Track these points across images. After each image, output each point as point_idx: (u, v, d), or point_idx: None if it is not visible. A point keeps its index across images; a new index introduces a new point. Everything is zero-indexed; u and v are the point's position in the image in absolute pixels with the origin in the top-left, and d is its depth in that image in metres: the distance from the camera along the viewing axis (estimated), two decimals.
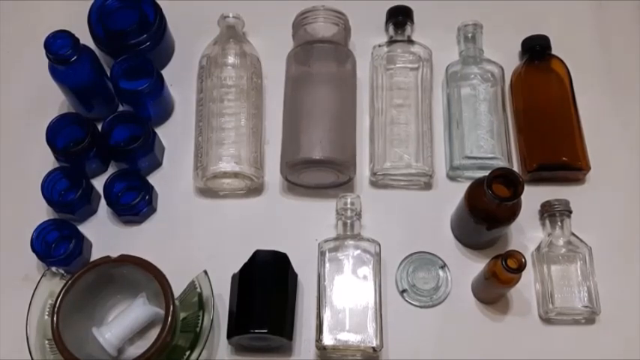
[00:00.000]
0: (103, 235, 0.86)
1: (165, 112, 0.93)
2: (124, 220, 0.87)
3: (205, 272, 0.77)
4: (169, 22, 0.95)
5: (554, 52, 0.92)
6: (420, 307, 0.82)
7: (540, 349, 0.79)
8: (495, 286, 0.76)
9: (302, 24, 0.90)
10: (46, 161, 0.89)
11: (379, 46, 0.92)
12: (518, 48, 0.94)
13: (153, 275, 0.74)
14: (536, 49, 0.92)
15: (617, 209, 0.87)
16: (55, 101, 0.93)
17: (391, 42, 0.92)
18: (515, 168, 0.87)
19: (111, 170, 0.89)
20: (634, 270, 0.83)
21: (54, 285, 0.76)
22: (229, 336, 0.77)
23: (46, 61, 0.82)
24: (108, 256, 0.76)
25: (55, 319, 0.72)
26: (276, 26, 0.95)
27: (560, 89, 0.90)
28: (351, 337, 0.76)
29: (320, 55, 0.88)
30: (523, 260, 0.71)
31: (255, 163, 0.84)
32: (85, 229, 0.86)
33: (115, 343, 0.75)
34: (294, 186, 0.87)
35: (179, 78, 0.95)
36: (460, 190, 0.80)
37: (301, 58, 0.88)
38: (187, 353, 0.73)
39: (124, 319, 0.76)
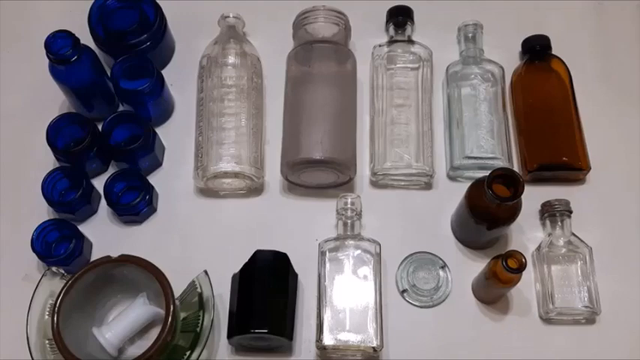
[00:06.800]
0: (103, 235, 0.86)
1: (165, 112, 0.93)
2: (124, 220, 0.87)
3: (205, 272, 0.77)
4: (169, 22, 0.95)
5: (554, 52, 0.92)
6: (420, 307, 0.82)
7: (540, 349, 0.79)
8: (495, 286, 0.76)
9: (302, 24, 0.90)
10: (46, 161, 0.89)
11: (379, 46, 0.92)
12: (518, 48, 0.94)
13: (153, 275, 0.75)
14: (536, 49, 0.92)
15: (617, 209, 0.87)
16: (55, 101, 0.93)
17: (391, 42, 0.92)
18: (516, 168, 0.87)
19: (111, 170, 0.89)
20: (634, 270, 0.83)
21: (54, 285, 0.76)
22: (229, 336, 0.77)
23: (46, 61, 0.82)
24: (108, 256, 0.76)
25: (55, 319, 0.72)
26: (276, 26, 0.95)
27: (560, 89, 0.90)
28: (352, 337, 0.76)
29: (320, 55, 0.88)
30: (523, 260, 0.71)
31: (255, 163, 0.84)
32: (85, 229, 0.86)
33: (115, 343, 0.75)
34: (295, 186, 0.87)
35: (179, 78, 0.95)
36: (460, 190, 0.80)
37: (301, 58, 0.88)
38: (187, 353, 0.73)
39: (125, 318, 0.76)
